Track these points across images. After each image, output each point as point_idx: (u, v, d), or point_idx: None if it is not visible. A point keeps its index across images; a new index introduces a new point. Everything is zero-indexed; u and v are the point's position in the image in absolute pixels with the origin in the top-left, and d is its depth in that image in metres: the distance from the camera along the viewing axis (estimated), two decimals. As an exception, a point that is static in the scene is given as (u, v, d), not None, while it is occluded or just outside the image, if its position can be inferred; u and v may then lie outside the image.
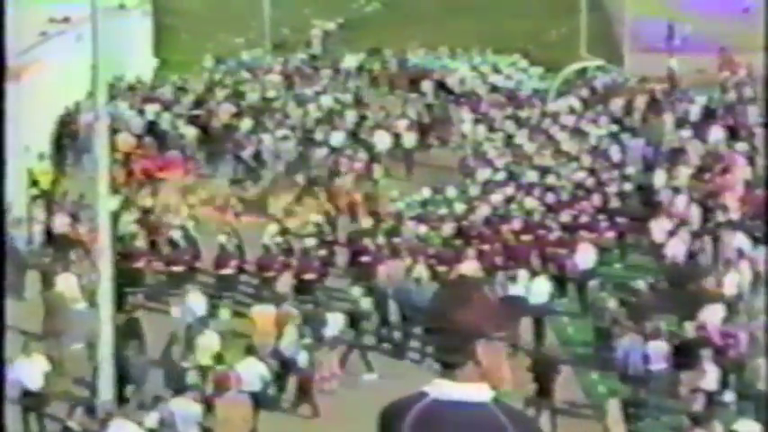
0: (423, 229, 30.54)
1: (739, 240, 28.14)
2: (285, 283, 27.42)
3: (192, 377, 22.30)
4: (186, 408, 20.32)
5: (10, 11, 19.56)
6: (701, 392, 21.55)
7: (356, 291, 26.26)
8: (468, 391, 3.81)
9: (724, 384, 22.34)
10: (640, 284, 25.95)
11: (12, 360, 20.42)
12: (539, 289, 26.19)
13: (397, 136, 40.58)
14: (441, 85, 48.02)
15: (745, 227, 29.03)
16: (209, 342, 23.51)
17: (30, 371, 21.28)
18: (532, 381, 21.75)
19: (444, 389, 3.82)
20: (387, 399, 3.93)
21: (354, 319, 25.17)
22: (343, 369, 24.32)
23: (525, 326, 25.61)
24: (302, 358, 23.23)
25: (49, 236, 31.02)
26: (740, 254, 27.46)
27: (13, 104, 21.85)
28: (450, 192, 34.71)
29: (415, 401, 3.82)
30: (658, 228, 29.22)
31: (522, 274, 26.55)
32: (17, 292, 26.54)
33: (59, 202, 32.90)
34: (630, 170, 35.14)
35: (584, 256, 28.33)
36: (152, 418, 20.10)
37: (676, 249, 28.44)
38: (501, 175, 36.08)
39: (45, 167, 35.45)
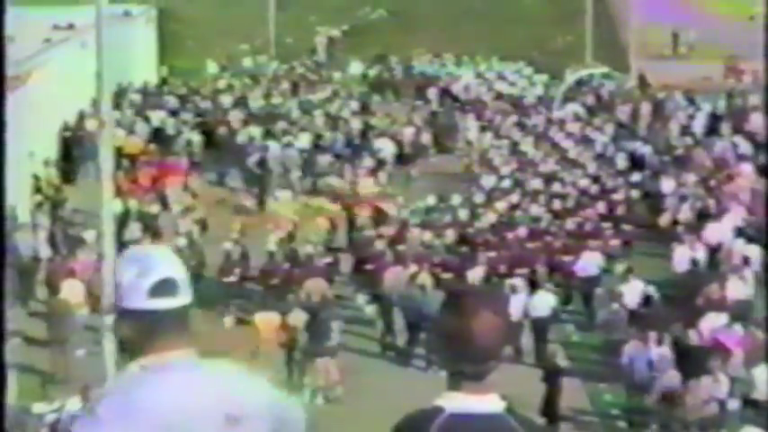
0: (427, 236, 30.45)
1: (744, 247, 28.06)
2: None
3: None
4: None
5: (14, 18, 19.54)
6: (713, 401, 21.43)
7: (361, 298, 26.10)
8: (484, 403, 3.74)
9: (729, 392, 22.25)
10: (650, 291, 25.87)
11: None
12: (540, 303, 25.82)
13: (402, 143, 40.59)
14: (446, 93, 48.05)
15: (749, 234, 28.94)
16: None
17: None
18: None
19: (459, 402, 3.73)
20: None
21: None
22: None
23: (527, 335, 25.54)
24: None
25: (53, 243, 30.89)
26: (745, 261, 27.38)
27: (17, 111, 21.81)
28: (456, 199, 34.63)
29: (432, 417, 3.70)
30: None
31: (521, 284, 26.30)
32: (21, 298, 26.51)
33: (61, 209, 32.81)
34: (637, 177, 35.08)
35: (590, 264, 28.23)
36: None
37: (681, 257, 28.36)
38: (506, 183, 36.03)
39: (51, 174, 35.40)
